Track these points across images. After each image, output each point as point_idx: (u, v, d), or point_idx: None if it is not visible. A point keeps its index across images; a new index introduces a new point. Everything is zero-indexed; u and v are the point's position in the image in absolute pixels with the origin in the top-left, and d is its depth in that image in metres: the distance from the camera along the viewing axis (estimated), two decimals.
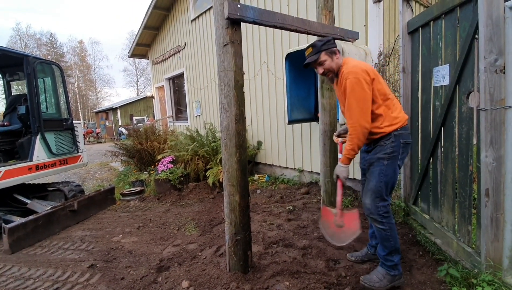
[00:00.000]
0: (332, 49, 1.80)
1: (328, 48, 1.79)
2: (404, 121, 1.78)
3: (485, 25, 1.59)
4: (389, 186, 1.77)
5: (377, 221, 1.76)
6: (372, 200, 1.76)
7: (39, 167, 3.82)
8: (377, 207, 1.75)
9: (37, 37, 37.38)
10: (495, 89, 1.59)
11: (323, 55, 1.79)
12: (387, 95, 1.75)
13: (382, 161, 1.74)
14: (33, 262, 2.54)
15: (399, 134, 1.73)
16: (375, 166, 1.77)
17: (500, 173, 1.61)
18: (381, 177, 1.73)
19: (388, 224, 1.75)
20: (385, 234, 1.75)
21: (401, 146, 1.73)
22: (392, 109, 1.76)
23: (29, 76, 3.74)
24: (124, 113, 25.02)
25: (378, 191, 1.74)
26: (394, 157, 1.73)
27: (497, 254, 1.65)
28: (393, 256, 1.77)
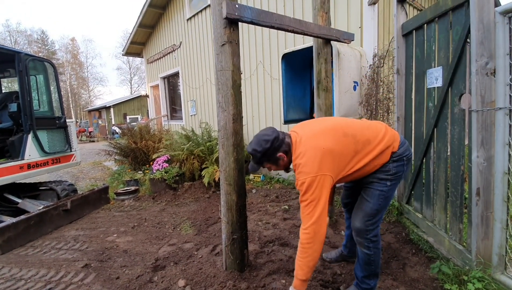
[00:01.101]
0: (273, 157, 1.52)
1: (268, 158, 1.52)
2: (397, 138, 1.56)
3: (477, 29, 1.64)
4: (385, 208, 1.60)
5: (363, 245, 1.60)
6: (363, 223, 1.56)
7: (31, 166, 3.75)
8: (367, 231, 1.57)
9: (28, 34, 36.68)
10: (486, 91, 1.64)
11: (266, 164, 1.57)
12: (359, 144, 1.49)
13: (385, 183, 1.53)
14: (25, 262, 2.50)
15: (399, 153, 1.53)
16: (375, 186, 1.54)
17: (491, 172, 1.66)
18: (381, 200, 1.54)
19: (374, 249, 1.60)
20: (368, 259, 1.62)
21: (405, 163, 1.55)
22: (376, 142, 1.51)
23: (21, 73, 3.67)
24: (117, 112, 24.71)
25: (373, 214, 1.55)
26: (398, 177, 1.56)
27: (487, 251, 1.70)
28: (370, 280, 1.67)
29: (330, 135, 1.47)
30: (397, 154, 1.53)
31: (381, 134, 1.54)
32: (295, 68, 4.00)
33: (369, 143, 1.50)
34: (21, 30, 36.21)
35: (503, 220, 1.63)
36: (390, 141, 1.53)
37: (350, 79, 3.15)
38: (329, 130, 1.51)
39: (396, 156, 1.53)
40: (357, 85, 3.26)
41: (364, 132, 1.52)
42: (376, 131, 1.55)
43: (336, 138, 1.46)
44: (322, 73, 2.64)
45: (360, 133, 1.51)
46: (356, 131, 1.51)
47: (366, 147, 1.49)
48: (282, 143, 1.51)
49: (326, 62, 2.64)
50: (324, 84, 2.65)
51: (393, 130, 1.62)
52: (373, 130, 1.55)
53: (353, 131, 1.51)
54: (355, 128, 1.54)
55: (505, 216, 1.63)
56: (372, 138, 1.51)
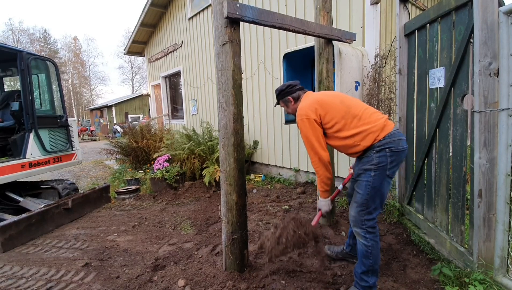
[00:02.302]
0: (285, 98, 1.95)
1: (282, 98, 1.96)
2: (387, 129, 1.65)
3: (480, 29, 1.62)
4: (377, 199, 1.65)
5: (360, 235, 1.68)
6: (357, 213, 1.67)
7: (32, 165, 3.76)
8: (362, 221, 1.66)
9: (30, 33, 36.85)
10: (489, 92, 1.62)
11: (281, 103, 2.01)
12: (350, 114, 1.68)
13: (369, 173, 1.63)
14: (26, 261, 2.51)
15: (383, 143, 1.62)
16: (362, 177, 1.67)
17: (493, 174, 1.64)
18: (368, 190, 1.63)
19: (372, 241, 1.65)
20: (366, 250, 1.66)
21: (388, 155, 1.60)
22: (364, 123, 1.66)
23: (23, 72, 3.68)
24: (119, 111, 24.78)
25: (364, 204, 1.65)
26: (382, 167, 1.61)
27: (489, 253, 1.69)
28: (369, 277, 1.67)
29: (330, 96, 1.79)
30: (380, 144, 1.63)
31: (373, 118, 1.68)
32: (297, 68, 3.99)
33: (358, 119, 1.68)
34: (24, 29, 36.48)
35: (505, 222, 1.62)
36: (376, 127, 1.65)
37: (352, 79, 3.13)
38: (331, 94, 1.83)
39: (378, 145, 1.63)
40: (358, 85, 3.25)
41: (359, 109, 1.71)
42: (371, 115, 1.70)
43: (332, 99, 1.75)
44: (323, 73, 2.63)
45: (355, 108, 1.71)
46: (352, 104, 1.73)
47: (354, 120, 1.68)
48: (294, 91, 1.92)
49: (328, 62, 2.63)
50: (326, 84, 2.64)
51: (390, 123, 1.70)
52: (369, 113, 1.71)
53: (350, 103, 1.74)
54: (354, 103, 1.75)
55: (507, 218, 1.61)
56: (363, 117, 1.68)
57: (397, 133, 1.67)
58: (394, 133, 1.66)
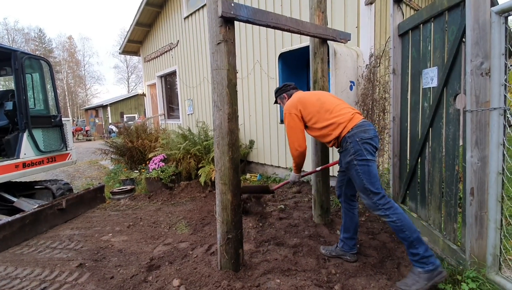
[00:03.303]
0: (281, 96, 2.31)
1: (279, 95, 2.33)
2: (354, 121, 1.87)
3: (472, 29, 1.64)
4: (373, 180, 1.80)
5: (383, 215, 1.79)
6: (368, 198, 1.82)
7: (26, 165, 3.72)
8: (375, 204, 1.80)
9: (25, 32, 36.39)
10: (480, 91, 1.64)
11: (278, 100, 2.37)
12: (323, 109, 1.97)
13: (353, 163, 1.83)
14: (20, 261, 2.48)
15: (352, 134, 1.83)
16: (351, 170, 1.86)
17: (485, 172, 1.66)
18: (361, 176, 1.80)
19: (394, 215, 1.74)
20: (396, 226, 1.73)
21: (360, 143, 1.80)
22: (334, 116, 1.92)
23: (17, 71, 3.64)
24: (114, 111, 24.62)
25: (366, 189, 1.80)
26: (359, 154, 1.80)
27: (481, 251, 1.71)
28: (416, 248, 1.68)
29: (310, 95, 2.11)
30: (349, 134, 1.84)
31: (342, 112, 1.93)
32: (292, 68, 4.00)
33: (329, 113, 1.94)
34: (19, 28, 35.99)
35: (497, 220, 1.64)
36: (343, 119, 1.89)
37: (347, 78, 3.15)
38: (312, 93, 2.16)
39: (349, 136, 1.84)
40: (353, 85, 3.27)
41: (331, 104, 1.97)
42: (341, 109, 1.94)
43: (310, 97, 2.06)
44: (318, 72, 2.64)
45: (328, 104, 1.98)
46: (326, 101, 2.01)
47: (326, 114, 1.95)
48: (288, 90, 2.29)
49: (323, 62, 2.64)
50: (321, 84, 2.65)
51: (358, 117, 1.91)
52: (339, 108, 1.95)
53: (325, 100, 2.01)
54: (328, 99, 2.02)
55: (499, 216, 1.63)
56: (334, 111, 1.94)
57: (363, 123, 1.88)
58: (361, 124, 1.86)
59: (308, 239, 2.50)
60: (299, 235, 2.59)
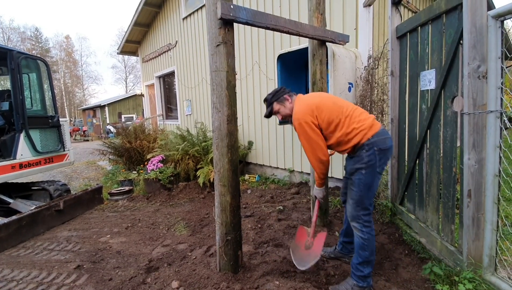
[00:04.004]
0: (281, 98, 1.93)
1: (277, 98, 1.94)
2: (374, 128, 1.75)
3: (469, 33, 1.66)
4: (370, 194, 1.77)
5: (357, 229, 1.79)
6: (354, 209, 1.79)
7: (23, 166, 3.70)
8: (358, 216, 1.77)
9: (21, 31, 36.14)
10: (477, 94, 1.66)
11: (276, 105, 1.95)
12: (343, 114, 1.78)
13: (361, 171, 1.74)
14: (16, 263, 2.47)
15: (372, 142, 1.72)
16: (355, 176, 1.78)
17: (482, 175, 1.68)
18: (361, 187, 1.75)
19: (368, 234, 1.76)
20: (362, 243, 1.77)
21: (377, 153, 1.71)
22: (354, 121, 1.76)
23: (13, 71, 3.61)
24: (112, 111, 24.50)
25: (359, 201, 1.76)
26: (372, 165, 1.72)
27: (478, 252, 1.73)
28: (364, 267, 1.77)
29: (323, 98, 1.85)
30: (369, 142, 1.72)
31: (362, 117, 1.79)
32: (291, 69, 4.01)
33: (349, 118, 1.78)
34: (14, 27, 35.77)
35: (493, 222, 1.65)
36: (365, 126, 1.75)
37: (345, 80, 3.16)
38: (324, 96, 1.89)
39: (367, 144, 1.73)
40: (352, 87, 3.28)
41: (349, 109, 1.81)
42: (361, 114, 1.81)
43: (325, 101, 1.82)
44: (317, 74, 2.65)
45: (347, 108, 1.82)
46: (344, 105, 1.84)
47: (346, 119, 1.78)
48: (288, 92, 1.96)
49: (321, 63, 2.65)
50: (319, 85, 2.66)
51: (377, 123, 1.80)
52: (359, 113, 1.82)
53: (342, 104, 1.84)
54: (345, 103, 1.86)
55: (495, 218, 1.65)
56: (354, 117, 1.79)
57: (383, 132, 1.78)
58: (381, 132, 1.76)
59: None
60: None
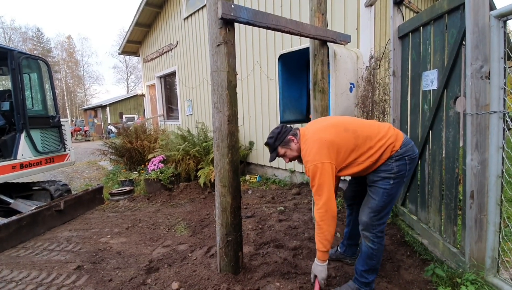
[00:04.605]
0: (285, 140, 1.74)
1: (281, 141, 1.75)
2: (399, 138, 1.63)
3: (472, 33, 1.64)
4: (391, 205, 1.67)
5: (368, 239, 1.68)
6: (370, 218, 1.65)
7: (23, 166, 3.70)
8: (373, 226, 1.66)
9: (23, 31, 36.28)
10: (480, 94, 1.64)
11: (280, 149, 1.77)
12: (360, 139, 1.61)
13: (388, 181, 1.60)
14: (16, 264, 2.46)
15: (401, 152, 1.60)
16: (380, 184, 1.62)
17: (484, 176, 1.66)
18: (385, 198, 1.62)
19: (378, 244, 1.68)
20: (371, 253, 1.68)
21: (407, 163, 1.61)
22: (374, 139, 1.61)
23: (14, 71, 3.62)
24: (113, 111, 24.55)
25: (378, 211, 1.64)
26: (401, 176, 1.61)
27: (480, 254, 1.71)
28: (369, 274, 1.72)
29: (332, 129, 1.65)
30: (399, 153, 1.61)
31: (382, 132, 1.64)
32: (292, 69, 3.99)
33: (370, 139, 1.61)
34: (16, 27, 35.93)
35: (496, 223, 1.64)
36: (391, 139, 1.61)
37: (347, 80, 3.15)
38: (331, 126, 1.68)
39: (397, 155, 1.61)
40: (353, 87, 3.26)
41: (365, 129, 1.64)
42: (378, 129, 1.65)
43: (337, 132, 1.63)
44: (318, 74, 2.64)
45: (361, 129, 1.64)
46: (357, 127, 1.65)
47: (367, 142, 1.61)
48: (290, 130, 1.78)
49: (323, 64, 2.63)
50: (321, 86, 2.65)
51: (397, 131, 1.69)
52: (375, 128, 1.66)
53: (354, 127, 1.65)
54: (357, 124, 1.68)
55: (498, 219, 1.63)
56: (373, 135, 1.63)
57: (409, 140, 1.68)
58: (407, 141, 1.65)
59: (308, 241, 2.49)
60: (299, 238, 2.58)
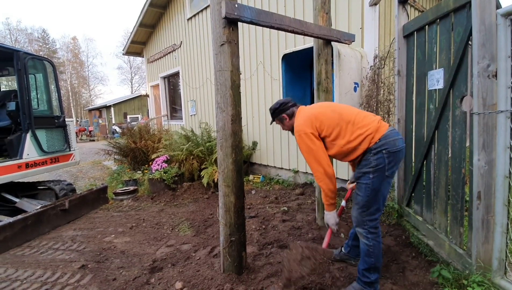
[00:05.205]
0: (280, 116, 1.93)
1: (277, 116, 1.95)
2: (381, 130, 1.67)
3: (478, 31, 1.62)
4: (378, 199, 1.69)
5: (362, 235, 1.73)
6: (359, 214, 1.72)
7: (29, 165, 3.73)
8: (363, 222, 1.71)
9: (29, 32, 36.68)
10: (487, 94, 1.62)
11: (277, 121, 1.99)
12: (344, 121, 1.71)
13: (368, 175, 1.66)
14: (21, 263, 2.48)
15: (379, 145, 1.64)
16: (362, 180, 1.70)
17: (492, 176, 1.64)
18: (368, 192, 1.66)
19: (373, 240, 1.70)
20: (368, 249, 1.71)
21: (386, 156, 1.63)
22: (358, 127, 1.68)
23: (20, 72, 3.65)
24: (118, 111, 24.72)
25: (365, 206, 1.69)
26: (380, 169, 1.64)
27: (487, 255, 1.68)
28: (370, 273, 1.72)
29: (320, 108, 1.83)
30: (377, 146, 1.65)
31: (366, 121, 1.70)
32: (295, 69, 3.98)
33: (352, 124, 1.70)
34: (22, 29, 36.30)
35: (503, 224, 1.61)
36: (371, 130, 1.67)
37: (351, 80, 3.13)
38: (321, 106, 1.88)
39: (375, 147, 1.65)
40: (357, 86, 3.24)
41: (351, 115, 1.74)
42: (364, 119, 1.72)
43: (324, 110, 1.78)
44: (322, 74, 2.62)
45: (347, 114, 1.74)
46: (344, 111, 1.77)
47: (349, 126, 1.70)
48: (287, 108, 1.90)
49: (327, 63, 2.62)
50: (324, 85, 2.63)
51: (384, 124, 1.71)
52: (361, 117, 1.73)
53: (342, 110, 1.78)
54: (345, 109, 1.79)
55: (505, 220, 1.61)
56: (357, 122, 1.71)
57: (392, 133, 1.68)
58: (389, 134, 1.67)
59: (312, 242, 2.48)
60: (303, 238, 2.57)
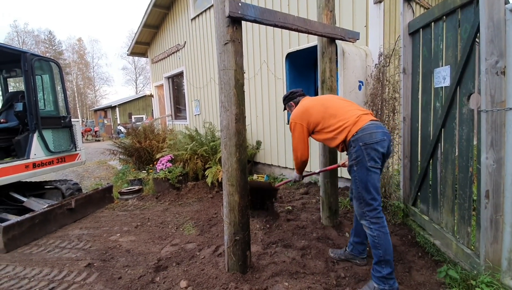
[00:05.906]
0: (288, 104, 2.30)
1: (286, 103, 2.32)
2: (359, 124, 1.75)
3: (486, 27, 1.59)
4: (369, 190, 1.71)
5: (366, 227, 1.77)
6: (358, 206, 1.80)
7: (36, 165, 3.78)
8: (363, 213, 1.76)
9: (35, 34, 37.17)
10: (496, 91, 1.59)
11: (287, 107, 2.35)
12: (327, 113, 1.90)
13: (353, 168, 1.77)
14: (29, 261, 2.52)
15: (356, 138, 1.73)
16: (351, 174, 1.82)
17: (500, 175, 1.61)
18: (357, 183, 1.76)
19: (377, 231, 1.71)
20: (373, 241, 1.72)
21: (363, 149, 1.70)
22: (340, 119, 1.83)
23: (27, 73, 3.70)
24: (122, 112, 24.92)
25: (358, 197, 1.77)
26: (360, 161, 1.72)
27: (496, 255, 1.66)
28: (381, 267, 1.69)
29: (313, 102, 2.04)
30: (354, 138, 1.75)
31: (346, 116, 1.83)
32: (299, 68, 3.97)
33: (334, 117, 1.87)
34: (29, 31, 36.78)
35: None
36: (349, 123, 1.79)
37: (355, 78, 3.10)
38: (316, 99, 2.08)
39: (353, 140, 1.75)
40: (362, 85, 3.22)
41: (335, 109, 1.90)
42: (345, 112, 1.85)
43: (315, 105, 1.99)
44: (326, 72, 2.61)
45: (333, 108, 1.91)
46: (331, 105, 1.94)
47: (330, 119, 1.88)
48: (295, 97, 2.26)
49: (331, 62, 2.60)
50: (329, 84, 2.61)
51: (364, 119, 1.78)
52: (344, 111, 1.87)
53: (330, 104, 1.95)
54: (333, 103, 1.96)
55: None
56: (338, 115, 1.86)
57: (370, 126, 1.74)
58: (367, 127, 1.74)
59: (316, 241, 2.46)
60: (307, 237, 2.56)
